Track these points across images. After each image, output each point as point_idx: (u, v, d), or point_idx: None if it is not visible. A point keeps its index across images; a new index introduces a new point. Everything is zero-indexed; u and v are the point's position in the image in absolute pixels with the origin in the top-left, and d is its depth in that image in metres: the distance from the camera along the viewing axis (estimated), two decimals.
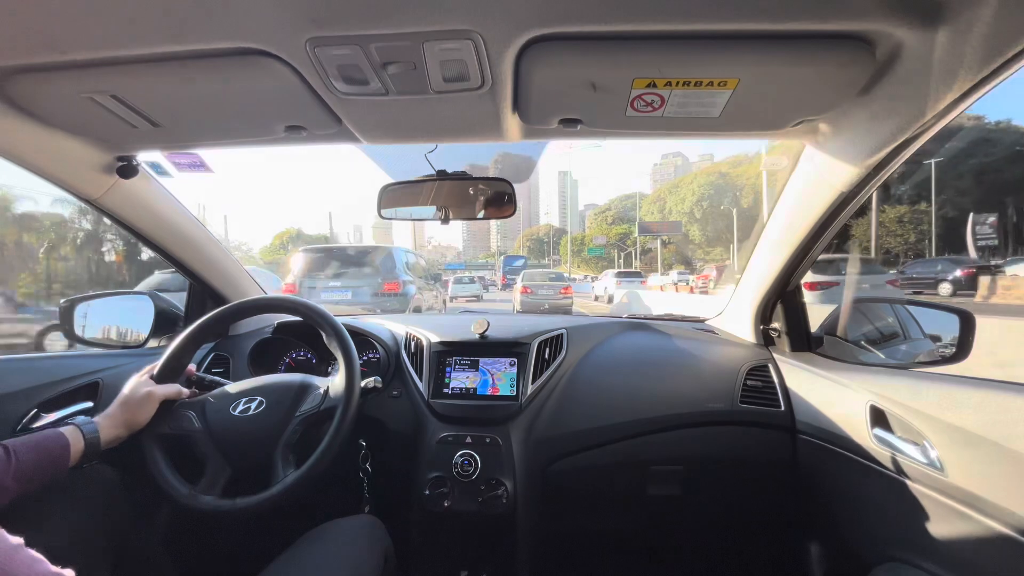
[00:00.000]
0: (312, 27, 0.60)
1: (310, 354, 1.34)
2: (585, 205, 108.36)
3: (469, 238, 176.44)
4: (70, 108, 0.79)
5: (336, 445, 0.87)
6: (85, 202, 1.03)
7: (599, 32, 0.63)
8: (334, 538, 0.83)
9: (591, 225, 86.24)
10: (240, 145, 0.98)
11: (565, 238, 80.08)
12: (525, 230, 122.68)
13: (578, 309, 12.84)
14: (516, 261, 37.30)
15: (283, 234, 61.94)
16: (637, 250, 51.09)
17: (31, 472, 0.69)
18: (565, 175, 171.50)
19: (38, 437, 0.73)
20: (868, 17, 0.58)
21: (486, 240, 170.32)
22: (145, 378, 0.91)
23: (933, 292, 13.99)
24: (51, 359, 1.09)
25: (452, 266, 68.88)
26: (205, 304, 1.33)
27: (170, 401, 0.91)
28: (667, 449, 1.13)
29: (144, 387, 0.88)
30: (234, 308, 1.02)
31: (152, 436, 0.89)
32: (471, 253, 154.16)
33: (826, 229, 1.02)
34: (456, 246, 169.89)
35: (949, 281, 14.05)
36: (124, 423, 0.84)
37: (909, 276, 15.41)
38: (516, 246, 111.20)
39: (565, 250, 72.47)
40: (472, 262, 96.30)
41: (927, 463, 0.74)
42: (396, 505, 1.08)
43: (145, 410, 0.87)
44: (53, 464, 0.72)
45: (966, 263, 14.86)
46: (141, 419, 0.86)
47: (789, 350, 1.22)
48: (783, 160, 1.06)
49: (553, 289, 12.89)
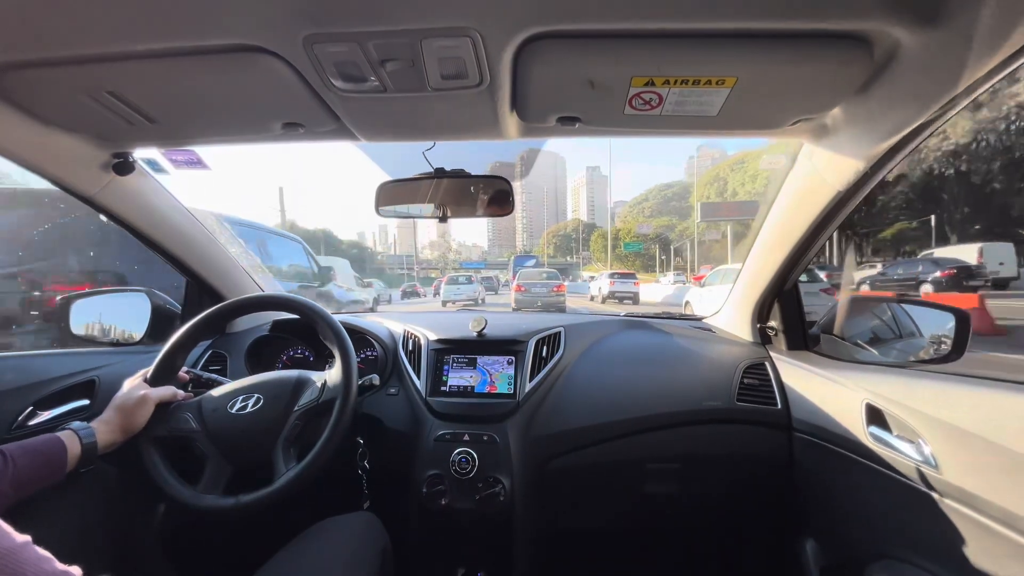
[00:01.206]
0: (310, 24, 0.60)
1: (307, 351, 1.34)
2: (615, 202, 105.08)
3: (495, 237, 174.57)
4: (66, 104, 0.79)
5: (338, 435, 0.87)
6: (81, 199, 1.02)
7: (597, 30, 0.63)
8: (332, 535, 0.83)
9: (626, 218, 79.61)
10: (237, 142, 0.97)
11: (597, 232, 73.97)
12: (551, 226, 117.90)
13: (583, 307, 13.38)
14: (527, 261, 37.08)
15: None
16: (694, 242, 42.01)
17: (28, 478, 0.69)
18: (594, 170, 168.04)
19: (35, 442, 0.73)
20: (866, 16, 0.58)
21: (511, 239, 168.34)
22: (139, 381, 0.90)
23: (915, 295, 13.16)
24: (47, 357, 1.08)
25: (470, 264, 66.76)
26: (202, 301, 1.33)
27: (166, 403, 0.91)
28: (664, 447, 1.13)
29: (138, 390, 0.88)
30: (231, 306, 1.02)
31: (150, 439, 0.88)
32: (496, 252, 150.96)
33: (823, 228, 1.02)
34: (481, 245, 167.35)
35: (931, 282, 13.68)
36: (120, 428, 0.84)
37: (891, 278, 15.17)
38: (542, 243, 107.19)
39: (597, 246, 67.29)
40: (494, 260, 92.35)
41: (922, 460, 0.75)
42: (394, 503, 1.08)
43: (141, 414, 0.86)
44: (50, 469, 0.72)
45: (946, 264, 14.44)
46: (137, 423, 0.86)
47: (786, 348, 1.23)
48: (781, 159, 1.06)
49: (546, 287, 13.51)
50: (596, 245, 68.55)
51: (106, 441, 0.81)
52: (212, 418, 0.90)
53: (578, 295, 22.06)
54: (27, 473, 0.69)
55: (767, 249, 1.15)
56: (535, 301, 12.93)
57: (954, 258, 15.42)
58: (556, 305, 12.74)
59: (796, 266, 1.14)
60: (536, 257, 51.13)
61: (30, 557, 0.44)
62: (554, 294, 13.27)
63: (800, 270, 1.16)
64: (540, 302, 12.93)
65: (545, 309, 11.48)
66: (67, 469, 0.74)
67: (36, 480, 0.70)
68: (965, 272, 13.77)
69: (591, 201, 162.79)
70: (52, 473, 0.72)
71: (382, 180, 1.09)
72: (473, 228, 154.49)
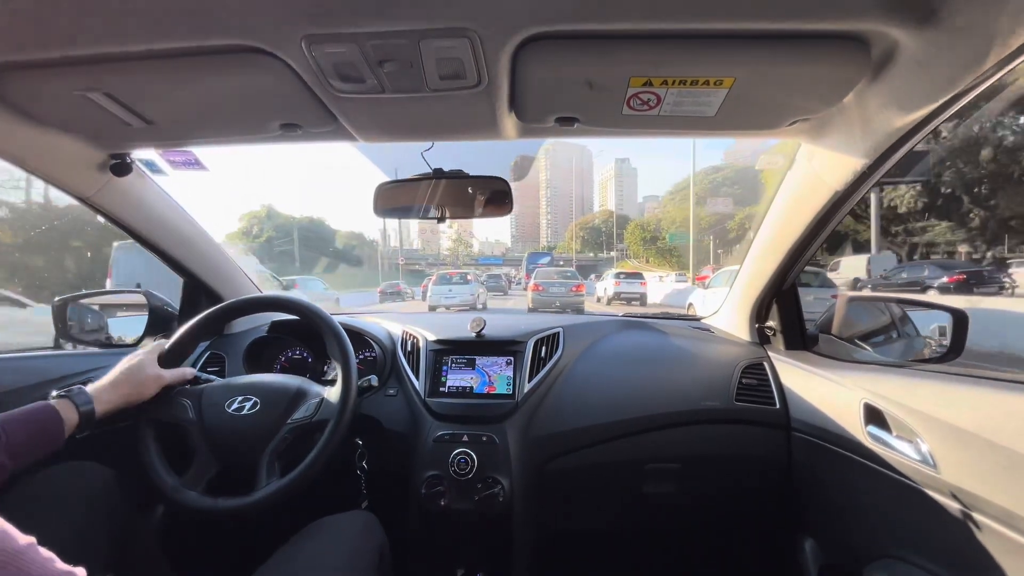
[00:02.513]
0: (308, 24, 0.60)
1: (306, 352, 1.34)
2: (644, 196, 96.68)
3: (518, 233, 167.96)
4: (63, 105, 0.78)
5: (322, 460, 0.86)
6: (79, 200, 1.02)
7: (595, 31, 0.63)
8: (329, 534, 0.82)
9: (667, 207, 65.80)
10: (235, 143, 0.97)
11: (633, 223, 64.37)
12: (578, 219, 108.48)
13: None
14: (542, 258, 35.40)
15: (250, 215, 52.15)
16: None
17: (24, 446, 0.68)
18: (623, 162, 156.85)
19: (26, 410, 0.72)
20: (864, 17, 0.58)
21: (536, 234, 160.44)
22: (153, 357, 0.91)
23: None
24: (44, 358, 1.08)
25: (487, 260, 60.87)
26: (200, 302, 1.33)
27: (169, 386, 0.92)
28: (663, 447, 1.13)
29: (153, 367, 0.88)
30: (233, 305, 1.02)
31: (148, 420, 0.89)
32: (520, 248, 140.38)
33: (822, 228, 1.02)
34: (504, 241, 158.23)
35: (936, 288, 13.20)
36: (124, 396, 0.84)
37: (895, 282, 14.83)
38: (568, 237, 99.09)
39: (633, 238, 58.57)
40: (511, 256, 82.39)
41: (921, 460, 0.75)
42: (393, 503, 1.08)
43: (148, 389, 0.87)
44: (46, 437, 0.72)
45: (955, 268, 13.96)
46: (142, 396, 0.86)
47: (784, 348, 1.23)
48: (779, 159, 1.07)
49: (565, 287, 12.70)
50: (632, 238, 59.79)
51: (106, 409, 0.80)
52: (209, 413, 0.90)
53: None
54: (22, 441, 0.68)
55: (765, 249, 1.16)
56: (553, 301, 12.13)
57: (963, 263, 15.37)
58: (574, 305, 12.00)
59: (794, 266, 1.14)
60: (551, 254, 47.52)
61: (36, 558, 0.44)
62: (573, 294, 12.50)
63: (798, 270, 1.17)
64: (558, 302, 12.11)
65: (563, 310, 10.98)
66: (64, 436, 0.74)
67: (33, 449, 0.70)
68: (976, 277, 13.40)
69: (620, 195, 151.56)
70: (49, 440, 0.72)
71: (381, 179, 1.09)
72: (495, 225, 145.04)
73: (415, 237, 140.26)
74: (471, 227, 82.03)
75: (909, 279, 14.59)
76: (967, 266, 14.44)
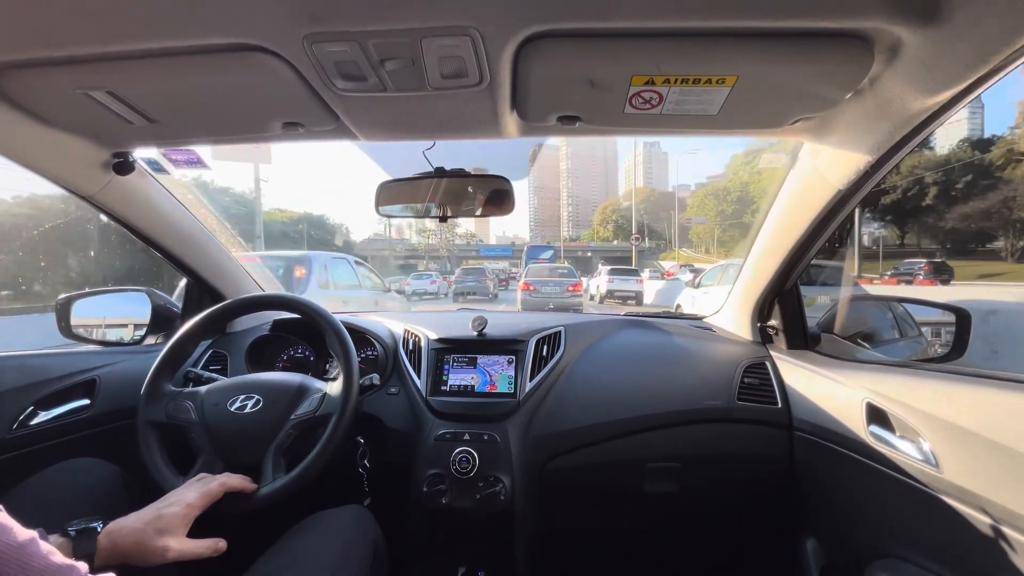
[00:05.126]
0: (310, 23, 0.60)
1: (308, 351, 1.34)
2: (675, 185, 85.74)
3: (536, 227, 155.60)
4: (65, 104, 0.79)
5: (327, 454, 0.86)
6: (81, 198, 1.02)
7: (597, 29, 0.62)
8: (323, 528, 0.82)
9: (738, 171, 54.07)
10: (237, 142, 0.97)
11: (702, 191, 54.00)
12: (603, 203, 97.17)
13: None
14: (543, 253, 33.66)
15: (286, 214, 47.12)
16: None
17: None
18: (652, 146, 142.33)
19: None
20: (867, 15, 0.58)
21: (555, 227, 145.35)
22: (189, 516, 0.71)
23: (909, 284, 20.17)
24: (47, 356, 1.09)
25: (489, 251, 52.81)
26: (202, 301, 1.33)
27: (171, 390, 0.94)
28: (664, 446, 1.13)
29: (176, 533, 0.68)
30: (234, 305, 1.03)
31: (149, 423, 0.89)
32: (538, 240, 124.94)
33: (824, 227, 1.02)
34: (523, 236, 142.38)
35: (919, 272, 20.29)
36: (123, 555, 0.64)
37: (898, 272, 21.95)
38: (595, 224, 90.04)
39: (703, 213, 47.90)
40: (519, 245, 69.24)
41: (923, 460, 0.75)
42: (394, 502, 1.08)
43: (151, 558, 0.66)
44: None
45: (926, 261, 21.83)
46: (142, 562, 0.65)
47: (786, 347, 1.23)
48: (781, 158, 1.06)
49: (559, 286, 11.27)
50: (701, 211, 47.71)
51: (114, 546, 0.63)
52: (211, 412, 0.91)
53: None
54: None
55: (768, 248, 1.15)
56: (546, 303, 10.64)
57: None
58: (570, 307, 10.37)
59: (797, 265, 1.14)
60: (553, 248, 42.18)
61: (37, 551, 0.45)
62: (569, 294, 11.04)
63: (801, 269, 1.16)
64: (552, 304, 10.63)
65: (556, 312, 9.97)
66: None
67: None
68: (936, 266, 20.98)
69: (649, 183, 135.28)
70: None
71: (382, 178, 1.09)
72: (512, 219, 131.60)
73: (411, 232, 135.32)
74: (488, 223, 76.66)
75: (906, 270, 21.58)
76: (932, 259, 22.72)
